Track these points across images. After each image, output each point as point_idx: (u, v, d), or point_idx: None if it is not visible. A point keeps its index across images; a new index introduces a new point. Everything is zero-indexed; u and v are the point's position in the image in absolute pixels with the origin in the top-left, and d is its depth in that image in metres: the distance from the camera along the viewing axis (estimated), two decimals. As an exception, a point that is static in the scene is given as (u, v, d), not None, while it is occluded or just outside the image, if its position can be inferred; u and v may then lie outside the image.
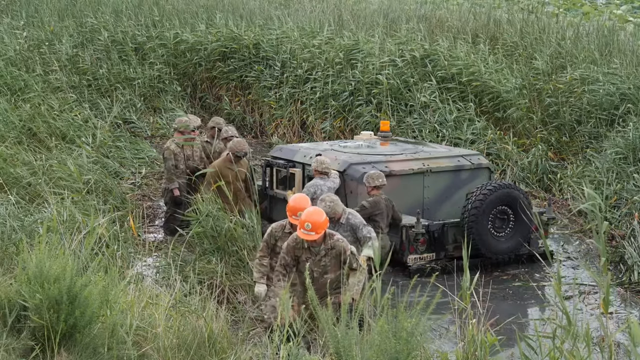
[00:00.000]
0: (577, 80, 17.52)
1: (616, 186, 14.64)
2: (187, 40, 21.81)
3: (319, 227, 8.70)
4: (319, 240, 8.82)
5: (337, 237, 8.89)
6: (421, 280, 8.67)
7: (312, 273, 8.70)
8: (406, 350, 6.49)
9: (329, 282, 8.92)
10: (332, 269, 8.88)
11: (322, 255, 8.88)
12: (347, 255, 8.74)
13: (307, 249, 8.89)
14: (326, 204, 9.85)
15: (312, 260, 8.86)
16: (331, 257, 8.85)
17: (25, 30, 22.83)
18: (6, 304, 7.55)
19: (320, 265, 8.92)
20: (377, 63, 18.61)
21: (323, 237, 8.84)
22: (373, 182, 11.77)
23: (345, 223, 10.02)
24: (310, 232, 8.67)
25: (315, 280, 8.82)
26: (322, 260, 8.89)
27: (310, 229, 8.68)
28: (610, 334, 6.13)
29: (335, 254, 8.82)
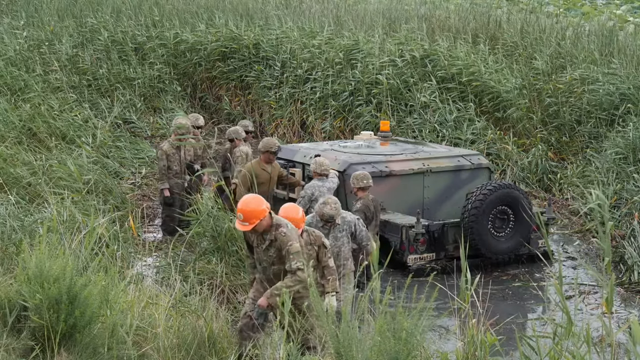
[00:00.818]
0: (577, 80, 17.52)
1: (616, 186, 14.64)
2: (187, 40, 21.80)
3: (253, 216, 8.07)
4: (261, 228, 8.18)
5: (282, 229, 8.22)
6: (421, 280, 8.67)
7: (261, 261, 8.36)
8: (406, 350, 6.49)
9: (280, 273, 8.28)
10: (278, 261, 8.28)
11: (268, 245, 8.29)
12: (285, 250, 8.12)
13: (256, 236, 8.35)
14: (331, 206, 9.68)
15: (261, 248, 8.36)
16: (275, 249, 8.25)
17: (25, 30, 22.83)
18: (6, 304, 7.55)
19: (267, 254, 8.35)
20: (377, 63, 18.61)
21: (269, 226, 8.20)
22: (358, 183, 11.61)
23: (342, 222, 9.84)
24: (243, 223, 8.11)
25: (265, 270, 8.38)
26: (269, 250, 8.31)
27: (243, 219, 8.10)
28: (612, 333, 6.13)
29: (278, 246, 8.21)
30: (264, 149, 12.51)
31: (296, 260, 8.09)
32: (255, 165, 12.43)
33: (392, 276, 12.04)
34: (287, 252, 8.13)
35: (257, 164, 12.47)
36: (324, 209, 9.67)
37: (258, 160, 12.57)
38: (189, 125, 13.57)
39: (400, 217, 12.45)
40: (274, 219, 8.22)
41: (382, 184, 12.55)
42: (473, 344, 6.83)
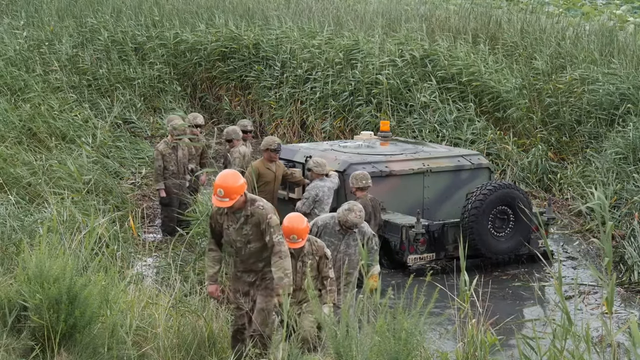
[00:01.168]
0: (577, 80, 17.53)
1: (616, 186, 14.64)
2: (187, 40, 21.80)
3: (233, 192, 7.83)
4: (237, 205, 7.95)
5: (258, 203, 8.01)
6: (421, 280, 8.67)
7: (234, 242, 8.05)
8: (406, 350, 6.49)
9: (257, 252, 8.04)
10: (255, 238, 7.99)
11: (243, 223, 8.00)
12: (265, 224, 7.87)
13: (227, 215, 8.08)
14: (356, 214, 9.21)
15: (234, 229, 8.06)
16: (252, 225, 7.97)
17: (25, 30, 22.83)
18: (6, 304, 7.55)
19: (242, 233, 8.04)
20: (377, 63, 18.61)
21: (243, 203, 7.99)
22: (357, 183, 11.64)
23: (358, 232, 9.37)
24: (223, 199, 7.83)
25: (239, 250, 8.10)
26: (244, 228, 8.02)
27: (223, 195, 7.83)
28: (613, 333, 6.13)
29: (255, 221, 7.95)
30: (264, 148, 12.53)
31: (277, 233, 7.90)
32: (259, 165, 12.43)
33: (392, 276, 12.05)
34: (267, 225, 7.89)
35: (261, 164, 12.45)
36: (348, 215, 9.22)
37: (262, 159, 12.55)
38: (185, 125, 13.56)
39: (400, 217, 12.45)
40: (248, 196, 8.00)
41: (382, 184, 12.55)
42: (473, 344, 6.83)
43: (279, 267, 7.86)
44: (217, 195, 7.85)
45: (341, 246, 9.26)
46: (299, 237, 8.45)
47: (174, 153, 13.40)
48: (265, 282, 8.07)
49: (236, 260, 8.12)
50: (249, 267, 8.07)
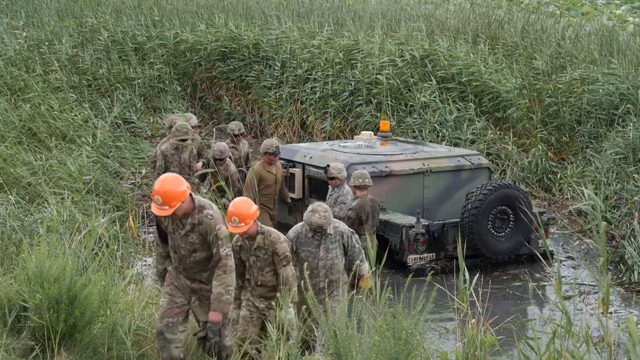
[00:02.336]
0: (576, 80, 17.53)
1: (616, 186, 14.64)
2: (187, 40, 21.81)
3: (173, 199, 7.12)
4: (182, 212, 7.25)
5: (207, 211, 7.29)
6: (421, 280, 8.67)
7: (179, 249, 7.37)
8: (406, 350, 6.49)
9: (202, 261, 7.40)
10: (201, 248, 7.32)
11: (189, 230, 7.31)
12: (213, 236, 7.24)
13: (173, 220, 7.39)
14: (320, 215, 8.57)
15: (179, 234, 7.39)
16: (199, 234, 7.30)
17: (24, 30, 22.83)
18: (6, 304, 7.55)
19: (187, 241, 7.36)
20: (377, 63, 18.61)
21: (190, 209, 7.29)
22: (355, 182, 11.61)
23: (334, 233, 8.71)
24: (162, 207, 7.12)
25: (183, 258, 7.40)
26: (189, 235, 7.33)
27: (162, 203, 7.12)
28: (610, 333, 6.14)
29: (202, 231, 7.28)
30: (263, 151, 12.56)
31: (225, 246, 7.27)
32: (259, 168, 12.42)
33: (392, 276, 12.05)
34: (214, 237, 7.26)
35: (261, 167, 12.45)
36: (312, 217, 8.58)
37: (262, 162, 12.55)
38: (189, 126, 13.45)
39: (400, 217, 12.46)
40: (196, 201, 7.31)
41: (382, 184, 12.55)
42: (473, 343, 6.83)
43: (221, 281, 7.24)
44: (156, 202, 7.15)
45: (320, 252, 8.66)
46: (241, 220, 7.83)
47: (177, 154, 13.26)
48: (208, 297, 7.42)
49: (178, 266, 7.50)
50: (193, 275, 7.45)
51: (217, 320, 7.23)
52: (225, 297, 7.23)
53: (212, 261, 7.35)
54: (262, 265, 8.03)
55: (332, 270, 8.64)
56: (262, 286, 8.08)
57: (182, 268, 7.44)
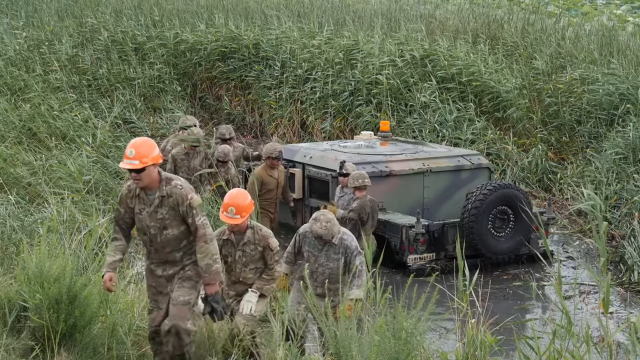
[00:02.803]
0: (576, 80, 17.53)
1: (616, 186, 14.64)
2: (187, 40, 21.81)
3: (144, 155, 6.84)
4: (149, 182, 6.94)
5: (175, 182, 6.99)
6: (421, 280, 8.66)
7: (148, 229, 7.03)
8: (406, 350, 6.50)
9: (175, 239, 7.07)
10: (172, 223, 6.97)
11: (157, 206, 6.98)
12: (186, 206, 6.91)
13: (139, 198, 7.05)
14: (321, 225, 8.41)
15: (147, 212, 7.04)
16: (169, 208, 6.95)
17: (24, 30, 22.83)
18: (6, 304, 7.55)
19: (156, 218, 7.01)
20: (377, 63, 18.61)
21: (157, 182, 6.98)
22: (354, 183, 11.60)
23: (339, 244, 8.49)
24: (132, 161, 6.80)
25: (153, 237, 7.05)
26: (158, 211, 6.99)
27: (134, 157, 6.83)
28: (610, 334, 6.14)
29: (173, 203, 6.94)
30: (265, 156, 12.44)
31: (200, 215, 6.94)
32: (262, 172, 12.31)
33: (390, 276, 12.05)
34: (188, 207, 6.92)
35: (263, 171, 12.34)
36: (313, 225, 8.45)
37: (264, 166, 12.44)
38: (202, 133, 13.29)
39: (400, 217, 12.45)
40: (162, 174, 7.02)
41: (382, 184, 12.55)
42: (473, 343, 6.83)
43: (205, 252, 6.92)
44: (127, 156, 6.82)
45: (321, 258, 8.53)
46: (237, 211, 7.66)
47: (186, 159, 13.08)
48: (186, 273, 7.12)
49: (150, 249, 7.15)
50: (165, 257, 7.10)
51: (215, 291, 7.00)
52: (215, 267, 6.94)
53: (184, 240, 7.04)
54: (247, 261, 7.84)
55: (331, 279, 8.40)
56: (241, 283, 7.87)
57: (154, 250, 7.08)
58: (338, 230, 8.52)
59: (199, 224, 6.92)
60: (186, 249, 7.08)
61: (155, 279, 7.19)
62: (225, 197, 7.76)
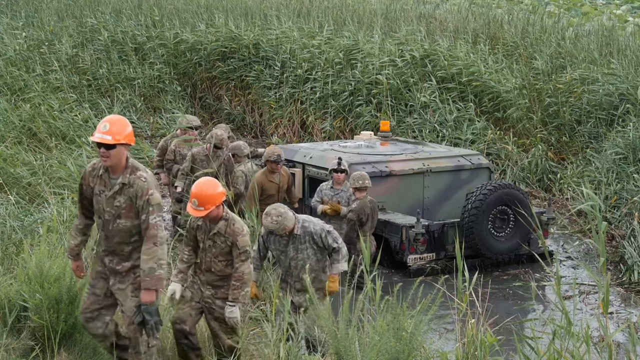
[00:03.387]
0: (576, 81, 17.53)
1: (616, 186, 14.64)
2: (187, 40, 21.82)
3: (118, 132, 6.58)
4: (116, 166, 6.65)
5: (141, 173, 6.67)
6: (421, 280, 8.66)
7: (103, 213, 6.72)
8: (407, 350, 6.50)
9: (125, 230, 6.72)
10: (127, 214, 6.66)
11: (116, 192, 6.66)
12: (144, 201, 6.57)
13: (101, 178, 6.76)
14: (272, 219, 8.12)
15: (105, 196, 6.71)
16: (127, 197, 6.63)
17: (24, 30, 22.84)
18: (6, 304, 7.55)
19: (113, 204, 6.68)
20: (377, 63, 18.62)
21: (123, 167, 6.67)
22: (354, 184, 11.53)
23: (302, 233, 8.25)
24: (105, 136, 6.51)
25: (106, 223, 6.72)
26: (116, 198, 6.67)
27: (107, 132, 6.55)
28: (609, 334, 6.14)
29: (132, 194, 6.61)
30: (265, 160, 12.28)
31: (156, 214, 6.59)
32: (262, 177, 12.00)
33: (388, 277, 12.05)
34: (145, 202, 6.60)
35: (264, 176, 12.03)
36: (265, 219, 8.18)
37: (264, 171, 12.13)
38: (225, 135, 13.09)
39: (400, 217, 12.45)
40: (130, 161, 6.73)
41: (382, 184, 12.55)
42: (473, 343, 6.83)
43: (152, 255, 6.56)
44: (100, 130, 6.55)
45: (290, 252, 8.29)
46: (201, 203, 7.22)
47: (206, 160, 12.91)
48: (137, 279, 6.79)
49: (101, 234, 6.82)
50: (113, 247, 6.77)
51: (151, 300, 6.60)
52: (158, 272, 6.57)
53: (136, 235, 6.72)
54: (216, 252, 7.40)
55: (305, 270, 8.08)
56: (212, 273, 7.47)
57: (104, 236, 6.76)
58: (294, 221, 8.23)
59: (151, 223, 6.58)
60: (136, 244, 6.76)
61: (102, 266, 6.90)
62: (193, 186, 7.35)
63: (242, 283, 7.31)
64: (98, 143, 6.58)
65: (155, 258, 6.54)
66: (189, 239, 7.54)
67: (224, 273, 7.43)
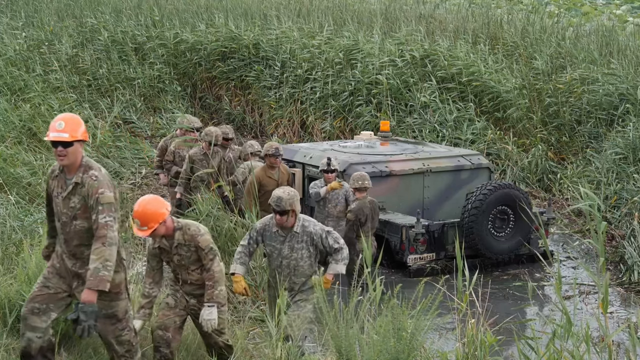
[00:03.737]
0: (576, 81, 17.54)
1: (616, 186, 14.65)
2: (187, 40, 21.83)
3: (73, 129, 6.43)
4: (72, 166, 6.48)
5: (93, 172, 6.47)
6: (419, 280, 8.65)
7: (61, 215, 6.55)
8: (407, 350, 6.50)
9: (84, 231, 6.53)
10: (82, 215, 6.48)
11: (70, 192, 6.49)
12: (94, 200, 6.37)
13: (58, 180, 6.60)
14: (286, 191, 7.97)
15: (62, 197, 6.53)
16: (80, 197, 6.45)
17: (24, 30, 22.85)
18: (6, 304, 7.55)
19: (69, 205, 6.51)
20: (377, 63, 18.62)
21: (77, 166, 6.50)
22: (354, 184, 11.48)
23: (301, 232, 8.03)
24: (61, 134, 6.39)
25: (64, 227, 6.56)
26: (71, 199, 6.50)
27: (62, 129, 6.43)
28: (609, 334, 6.14)
29: (84, 194, 6.43)
30: (263, 154, 12.26)
31: (106, 213, 6.37)
32: (260, 173, 11.94)
33: (391, 276, 12.05)
34: (95, 201, 6.40)
35: (262, 172, 11.96)
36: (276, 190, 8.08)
37: (264, 166, 12.10)
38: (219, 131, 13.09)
39: (400, 217, 12.46)
40: (84, 160, 6.53)
41: (382, 184, 12.55)
42: (473, 343, 6.83)
43: (99, 255, 6.33)
44: (55, 129, 6.41)
45: (284, 250, 8.05)
46: (143, 222, 7.02)
47: (205, 159, 12.89)
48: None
49: (60, 238, 6.66)
50: (73, 250, 6.59)
51: (90, 300, 6.33)
52: (102, 273, 6.31)
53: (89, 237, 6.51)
54: (186, 263, 7.28)
55: (295, 272, 8.02)
56: (190, 285, 7.39)
57: (64, 240, 6.58)
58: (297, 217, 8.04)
59: (101, 223, 6.38)
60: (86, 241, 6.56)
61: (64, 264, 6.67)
62: (135, 205, 7.14)
63: (215, 282, 7.18)
64: (54, 142, 6.45)
65: (102, 259, 6.34)
66: (152, 267, 7.39)
67: (201, 281, 7.34)
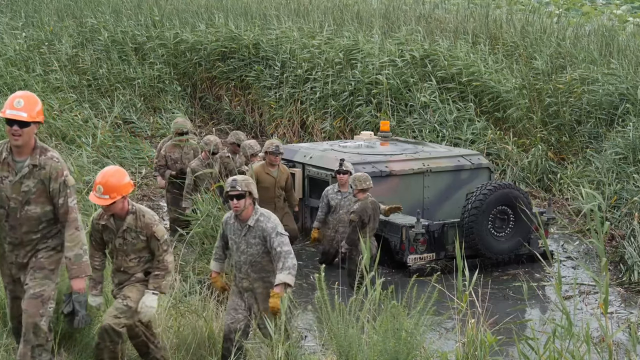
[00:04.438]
0: (576, 81, 17.54)
1: (616, 186, 14.64)
2: (187, 40, 21.83)
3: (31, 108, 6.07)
4: (25, 148, 6.10)
5: (52, 154, 6.19)
6: (421, 280, 8.66)
7: (7, 202, 6.17)
8: (406, 350, 6.50)
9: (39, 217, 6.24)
10: (38, 199, 6.16)
11: (24, 175, 6.13)
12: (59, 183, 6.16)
13: (5, 164, 6.20)
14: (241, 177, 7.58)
15: (10, 182, 6.15)
16: (38, 181, 6.13)
17: (24, 30, 22.85)
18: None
19: (20, 190, 6.14)
20: (377, 63, 18.62)
21: (31, 149, 6.13)
22: (360, 185, 11.49)
23: (255, 226, 7.56)
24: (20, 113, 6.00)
25: (12, 212, 6.18)
26: (24, 182, 6.13)
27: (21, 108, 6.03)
28: (609, 334, 6.14)
29: (45, 176, 6.14)
30: (263, 151, 12.25)
31: (73, 196, 6.21)
32: (259, 169, 11.95)
33: (391, 276, 12.06)
34: (62, 184, 6.18)
35: (261, 168, 11.98)
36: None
37: (263, 163, 12.11)
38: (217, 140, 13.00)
39: (401, 217, 12.45)
40: (38, 142, 6.20)
41: (382, 184, 12.55)
42: (472, 344, 6.83)
43: (75, 240, 6.15)
44: (13, 107, 6.03)
45: (242, 244, 7.64)
46: (106, 191, 6.64)
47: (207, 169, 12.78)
48: (38, 261, 6.29)
49: (4, 226, 6.25)
50: (20, 238, 6.25)
51: (82, 288, 6.19)
52: (85, 259, 6.18)
53: (45, 222, 6.26)
54: (128, 250, 6.90)
55: (254, 268, 7.64)
56: (123, 273, 7.01)
57: (9, 227, 6.21)
58: (255, 209, 7.59)
59: (70, 206, 6.18)
60: (44, 231, 6.30)
61: (8, 265, 6.39)
62: (99, 173, 6.82)
63: (167, 272, 6.89)
64: (10, 120, 6.06)
65: (80, 244, 6.16)
66: (96, 240, 7.02)
67: (135, 271, 6.97)
